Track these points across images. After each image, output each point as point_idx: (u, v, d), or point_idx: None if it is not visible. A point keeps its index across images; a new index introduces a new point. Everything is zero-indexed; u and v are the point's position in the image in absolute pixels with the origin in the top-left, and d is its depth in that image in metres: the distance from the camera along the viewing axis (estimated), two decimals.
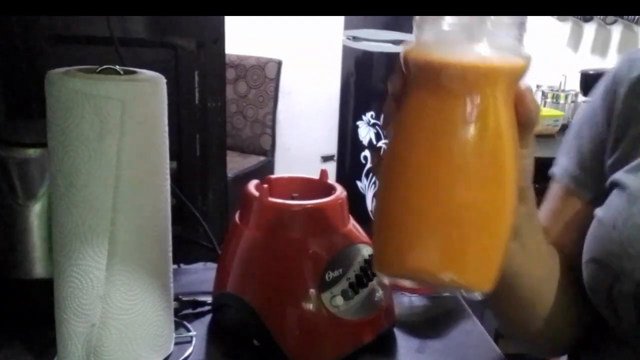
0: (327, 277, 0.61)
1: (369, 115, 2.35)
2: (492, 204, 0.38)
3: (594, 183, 0.59)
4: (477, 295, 0.40)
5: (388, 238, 0.41)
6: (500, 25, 0.37)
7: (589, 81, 2.21)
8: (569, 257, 0.59)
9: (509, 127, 0.38)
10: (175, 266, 0.82)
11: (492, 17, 0.36)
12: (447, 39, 0.37)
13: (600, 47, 2.59)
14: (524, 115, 0.40)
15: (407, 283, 0.42)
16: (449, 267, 0.38)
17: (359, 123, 2.40)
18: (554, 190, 0.63)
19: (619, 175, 0.55)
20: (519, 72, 0.38)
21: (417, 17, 0.38)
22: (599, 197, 0.57)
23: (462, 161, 0.37)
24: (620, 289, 0.51)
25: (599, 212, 0.56)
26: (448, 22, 0.37)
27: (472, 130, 0.37)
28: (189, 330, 0.68)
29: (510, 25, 0.37)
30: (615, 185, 0.55)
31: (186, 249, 0.87)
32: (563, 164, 0.63)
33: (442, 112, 0.37)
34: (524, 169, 0.43)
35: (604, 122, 0.59)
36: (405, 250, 0.39)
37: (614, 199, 0.55)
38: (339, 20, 2.43)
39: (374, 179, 2.37)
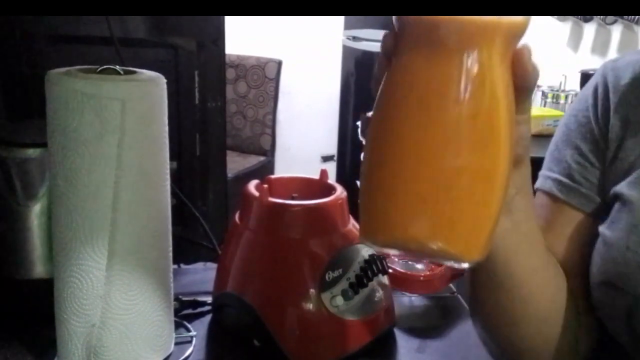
0: (327, 277, 0.61)
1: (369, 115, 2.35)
2: (484, 169, 0.36)
3: (586, 192, 0.57)
4: (466, 265, 0.38)
5: (374, 204, 0.39)
6: None
7: (589, 81, 2.21)
8: (571, 270, 0.57)
9: (505, 88, 0.36)
10: (175, 266, 0.82)
11: None
12: None
13: (600, 47, 2.59)
14: (521, 78, 0.37)
15: (394, 252, 0.40)
16: (438, 235, 0.36)
17: (359, 123, 2.40)
18: (542, 200, 0.61)
19: (622, 189, 0.53)
20: (518, 30, 0.36)
21: None
22: (597, 209, 0.56)
23: (454, 123, 0.35)
24: (639, 314, 0.49)
25: (605, 231, 0.53)
26: None
27: (465, 89, 0.35)
28: (189, 330, 0.68)
29: None
30: (618, 198, 0.53)
31: (186, 249, 0.87)
32: (550, 174, 0.60)
33: (435, 70, 0.35)
34: (521, 136, 0.41)
35: (597, 131, 0.57)
36: (392, 218, 0.37)
37: (621, 215, 0.52)
38: (339, 20, 2.43)
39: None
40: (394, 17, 0.37)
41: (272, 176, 0.70)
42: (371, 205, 0.39)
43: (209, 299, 0.71)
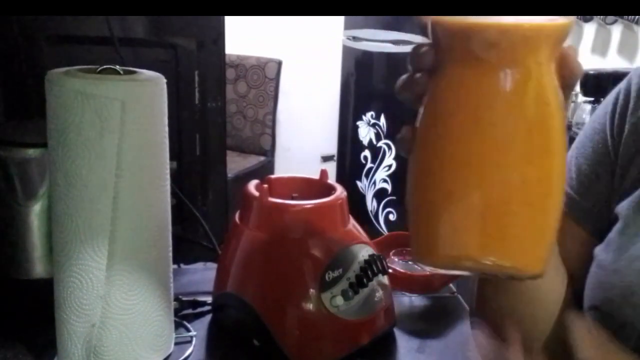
0: (327, 277, 0.61)
1: (369, 115, 2.35)
2: (541, 179, 0.35)
3: (588, 207, 0.55)
4: (527, 278, 0.37)
5: (427, 225, 0.37)
6: None
7: (589, 81, 2.20)
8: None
9: (555, 94, 0.35)
10: (175, 266, 0.82)
11: None
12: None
13: (600, 47, 2.59)
14: (567, 78, 0.36)
15: (452, 272, 0.38)
16: (499, 250, 0.35)
17: (359, 123, 2.40)
18: None
19: (621, 209, 0.51)
20: (563, 33, 0.35)
21: None
22: (599, 227, 0.53)
23: (509, 136, 0.34)
24: (623, 340, 0.47)
25: (599, 253, 0.52)
26: None
27: (518, 101, 0.34)
28: (189, 330, 0.68)
29: None
30: (617, 218, 0.51)
31: (186, 249, 0.87)
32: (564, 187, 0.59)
33: (485, 84, 0.34)
34: None
35: (610, 142, 0.54)
36: (451, 237, 0.36)
37: (615, 237, 0.50)
38: (339, 20, 2.43)
39: (374, 178, 2.37)
40: (430, 29, 0.36)
41: (272, 176, 0.70)
42: (424, 226, 0.38)
43: (209, 299, 0.71)
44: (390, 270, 0.68)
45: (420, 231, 0.38)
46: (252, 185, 0.66)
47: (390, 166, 2.29)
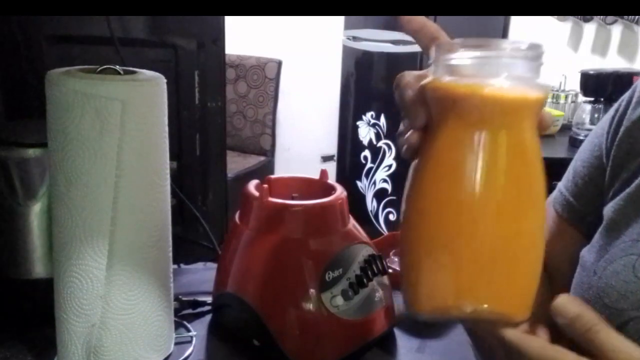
0: (327, 277, 0.61)
1: (369, 115, 2.35)
2: (531, 232, 0.38)
3: (587, 213, 0.56)
4: (515, 323, 0.40)
5: (422, 275, 0.39)
6: (520, 58, 0.36)
7: (589, 81, 2.21)
8: (556, 287, 0.56)
9: (538, 154, 0.38)
10: (175, 266, 0.82)
11: (520, 49, 0.36)
12: (481, 72, 0.37)
13: (600, 47, 2.59)
14: (541, 127, 0.39)
15: (443, 318, 0.42)
16: (491, 298, 0.38)
17: (359, 123, 2.40)
18: (550, 212, 0.60)
19: (606, 211, 0.52)
20: (543, 103, 0.38)
21: (439, 54, 0.38)
22: (592, 228, 0.54)
23: (501, 195, 0.37)
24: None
25: (584, 253, 0.53)
26: (477, 55, 0.36)
27: (507, 163, 0.37)
28: (189, 330, 0.68)
29: (531, 58, 0.37)
30: (602, 220, 0.52)
31: (186, 249, 0.87)
32: (561, 188, 0.59)
33: (474, 147, 0.37)
34: None
35: (605, 146, 0.55)
36: (441, 288, 0.38)
37: (598, 239, 0.51)
38: (339, 20, 2.43)
39: (374, 178, 2.37)
40: (428, 93, 0.38)
41: (272, 176, 0.70)
42: (419, 277, 0.40)
43: (209, 299, 0.71)
44: (390, 270, 0.68)
45: (415, 281, 0.40)
46: (252, 185, 0.66)
47: (390, 166, 2.29)
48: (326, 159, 2.88)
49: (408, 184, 0.41)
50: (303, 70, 2.77)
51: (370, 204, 2.39)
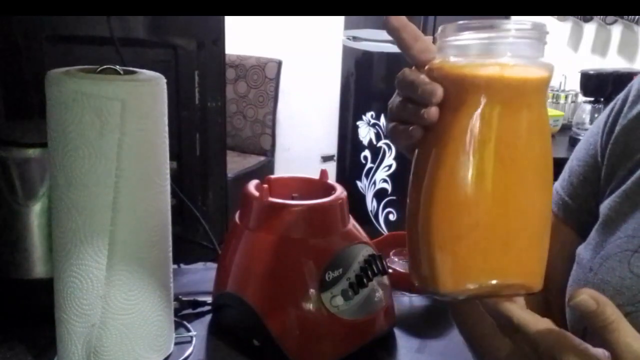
0: (327, 277, 0.61)
1: (369, 115, 2.35)
2: (547, 204, 0.40)
3: (583, 213, 0.56)
4: (532, 294, 0.41)
5: (448, 255, 0.40)
6: (525, 37, 0.38)
7: (589, 81, 2.20)
8: (552, 285, 0.57)
9: (548, 129, 0.40)
10: (175, 266, 0.82)
11: (517, 30, 0.37)
12: (477, 53, 0.38)
13: (600, 47, 2.59)
14: None
15: (467, 296, 0.41)
16: (518, 272, 0.40)
17: (359, 123, 2.40)
18: None
19: (602, 208, 0.52)
20: (549, 81, 0.39)
21: (439, 36, 0.39)
22: (586, 227, 0.54)
23: (523, 169, 0.38)
24: (593, 334, 0.49)
25: (580, 251, 0.53)
26: (478, 36, 0.37)
27: (532, 138, 0.38)
28: (189, 330, 0.68)
29: (535, 37, 0.38)
30: (598, 218, 0.52)
31: (186, 249, 0.87)
32: (557, 187, 0.59)
33: (504, 124, 0.38)
34: None
35: (600, 144, 0.55)
36: (471, 265, 0.39)
37: (594, 236, 0.52)
38: (339, 20, 2.43)
39: (374, 178, 2.37)
40: (435, 72, 0.39)
41: (272, 176, 0.70)
42: (447, 257, 0.40)
43: (209, 299, 0.71)
44: (390, 270, 0.68)
45: (442, 262, 0.40)
46: (252, 185, 0.66)
47: (390, 166, 2.29)
48: (326, 159, 2.88)
49: (415, 167, 0.42)
50: (303, 70, 2.77)
51: (370, 204, 2.39)
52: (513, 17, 0.40)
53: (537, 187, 0.39)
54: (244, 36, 2.55)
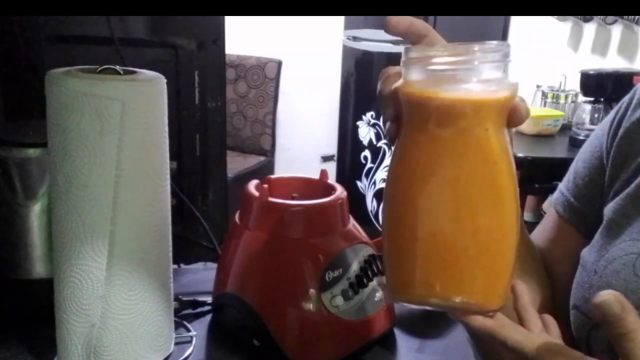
0: (327, 277, 0.61)
1: (369, 115, 2.35)
2: (495, 227, 0.40)
3: (588, 214, 0.56)
4: (489, 313, 0.42)
5: (397, 265, 0.42)
6: (486, 61, 0.38)
7: (589, 81, 2.21)
8: (558, 285, 0.56)
9: (502, 152, 0.39)
10: (175, 266, 0.82)
11: (478, 54, 0.38)
12: (436, 77, 0.39)
13: (600, 47, 2.59)
14: (513, 121, 0.40)
15: (420, 307, 0.43)
16: (460, 290, 0.40)
17: (359, 123, 2.40)
18: (551, 213, 0.60)
19: (607, 211, 0.52)
20: (507, 103, 0.39)
21: (403, 57, 0.40)
22: (592, 229, 0.54)
23: (462, 191, 0.39)
24: (597, 337, 0.48)
25: (584, 253, 0.53)
26: (436, 61, 0.38)
27: (467, 162, 0.39)
28: (189, 330, 0.68)
29: (495, 59, 0.38)
30: (602, 220, 0.52)
31: (186, 249, 0.87)
32: (562, 188, 0.59)
33: (437, 146, 0.39)
34: None
35: (605, 146, 0.55)
36: (416, 277, 0.41)
37: (598, 239, 0.52)
38: (339, 20, 2.43)
39: (374, 178, 2.37)
40: (397, 94, 0.40)
41: (272, 176, 0.70)
42: (394, 267, 0.43)
43: (209, 299, 0.71)
44: None
45: (394, 270, 0.43)
46: (252, 185, 0.66)
47: None
48: (326, 159, 2.88)
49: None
50: (303, 70, 2.77)
51: (370, 204, 2.39)
52: (479, 43, 0.41)
53: (481, 210, 0.39)
54: (244, 36, 2.55)
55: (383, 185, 2.33)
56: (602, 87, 2.16)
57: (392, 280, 0.43)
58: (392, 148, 0.42)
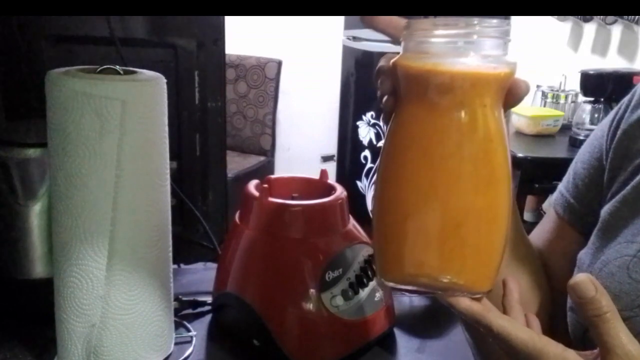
0: (327, 277, 0.61)
1: (369, 115, 2.35)
2: (487, 207, 0.39)
3: (588, 215, 0.56)
4: (478, 295, 0.41)
5: (387, 244, 0.42)
6: (485, 35, 0.38)
7: (589, 81, 2.20)
8: (558, 286, 0.56)
9: (499, 131, 0.39)
10: (175, 266, 0.82)
11: (478, 28, 0.37)
12: (436, 50, 0.38)
13: (600, 47, 2.59)
14: (512, 99, 0.40)
15: (409, 287, 0.42)
16: (449, 270, 0.39)
17: (359, 123, 2.40)
18: (551, 214, 0.60)
19: (603, 213, 0.52)
20: (505, 80, 0.39)
21: (405, 29, 0.39)
22: (591, 229, 0.54)
23: (456, 169, 0.38)
24: (589, 343, 0.47)
25: (581, 255, 0.53)
26: (436, 33, 0.38)
27: (464, 139, 0.38)
28: (189, 330, 0.68)
29: (495, 34, 0.38)
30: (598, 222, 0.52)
31: (186, 249, 0.87)
32: (561, 189, 0.59)
33: (433, 121, 0.38)
34: None
35: (604, 146, 0.55)
36: (406, 257, 0.40)
37: (594, 240, 0.52)
38: (339, 20, 2.43)
39: (374, 179, 2.37)
40: (395, 68, 0.39)
41: (272, 176, 0.70)
42: (384, 245, 0.42)
43: (209, 299, 0.71)
44: None
45: (382, 250, 0.42)
46: (252, 185, 0.66)
47: None
48: (326, 159, 2.88)
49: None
50: (303, 70, 2.77)
51: (371, 204, 2.39)
52: (477, 17, 0.41)
53: (474, 188, 0.39)
54: (244, 36, 2.55)
55: None
56: (602, 87, 2.16)
57: (381, 261, 0.43)
58: (387, 126, 0.42)
